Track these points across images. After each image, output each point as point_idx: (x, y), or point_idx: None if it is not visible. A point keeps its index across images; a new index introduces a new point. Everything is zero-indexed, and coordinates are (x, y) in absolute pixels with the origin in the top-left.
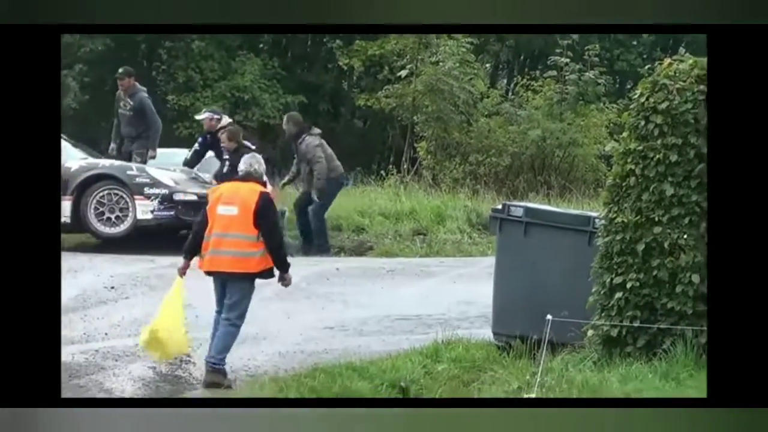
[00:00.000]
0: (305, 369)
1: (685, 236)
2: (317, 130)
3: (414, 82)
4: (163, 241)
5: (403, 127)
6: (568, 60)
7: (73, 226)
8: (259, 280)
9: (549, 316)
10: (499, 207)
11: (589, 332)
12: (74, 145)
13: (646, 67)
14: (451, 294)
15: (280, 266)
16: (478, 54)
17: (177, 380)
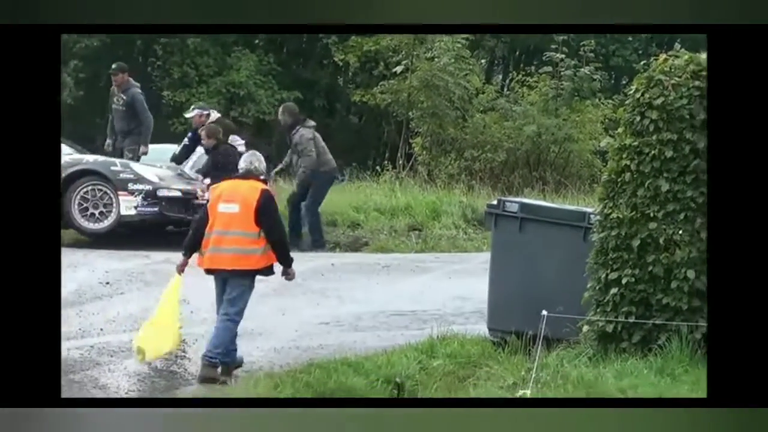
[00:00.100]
0: (300, 364)
1: (681, 232)
2: (312, 122)
3: (409, 78)
4: (150, 237)
5: (399, 122)
6: (564, 56)
7: None
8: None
9: (544, 312)
10: (495, 203)
11: (585, 328)
12: None
13: (642, 63)
14: (446, 290)
15: (284, 261)
16: (474, 50)
17: (172, 376)
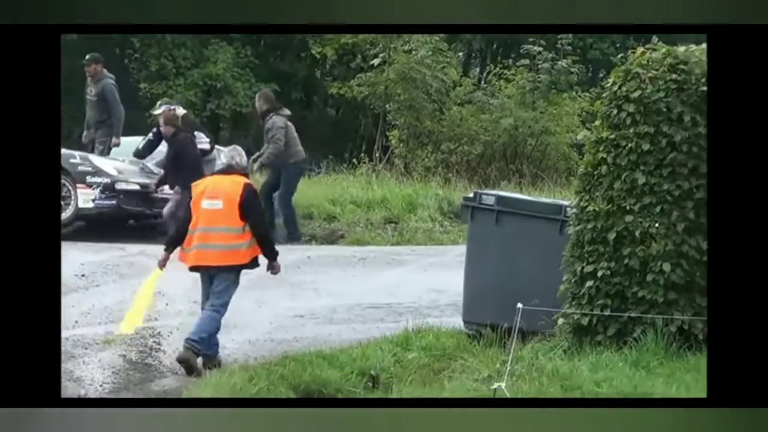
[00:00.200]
0: (275, 357)
1: (657, 225)
2: (287, 111)
3: (386, 71)
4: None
5: (376, 115)
6: (541, 49)
7: None
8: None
9: (519, 305)
10: (471, 195)
11: (560, 321)
12: None
13: (619, 56)
14: (422, 282)
15: (269, 254)
16: (451, 43)
17: (147, 368)
